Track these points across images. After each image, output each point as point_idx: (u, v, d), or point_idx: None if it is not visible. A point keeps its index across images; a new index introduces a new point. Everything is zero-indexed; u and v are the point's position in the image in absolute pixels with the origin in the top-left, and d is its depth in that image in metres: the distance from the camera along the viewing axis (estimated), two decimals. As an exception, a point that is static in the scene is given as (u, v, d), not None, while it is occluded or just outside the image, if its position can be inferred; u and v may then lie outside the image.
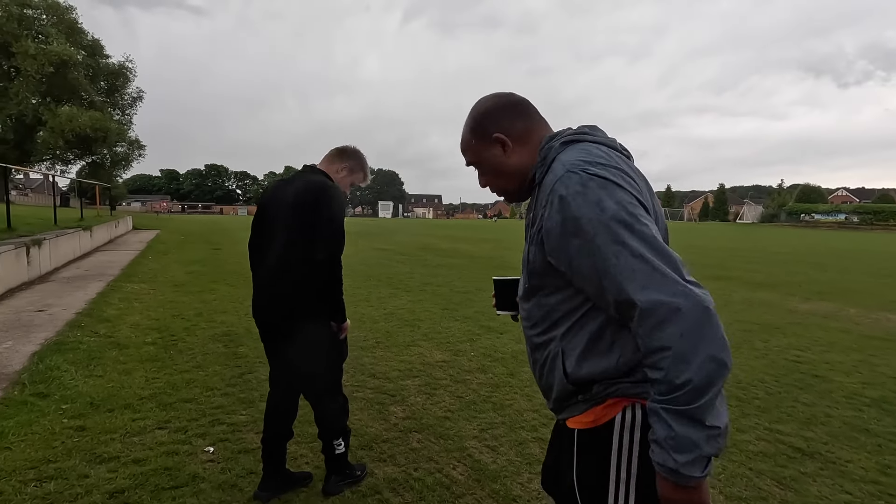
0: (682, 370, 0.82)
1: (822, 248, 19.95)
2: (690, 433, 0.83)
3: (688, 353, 0.82)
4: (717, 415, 0.85)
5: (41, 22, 27.50)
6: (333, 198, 2.04)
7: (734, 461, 2.58)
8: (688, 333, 0.82)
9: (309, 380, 2.19)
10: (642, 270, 0.85)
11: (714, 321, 0.84)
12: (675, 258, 0.88)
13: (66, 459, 2.38)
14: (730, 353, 0.85)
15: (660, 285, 0.84)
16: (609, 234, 0.88)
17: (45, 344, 4.14)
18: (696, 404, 0.82)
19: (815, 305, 7.09)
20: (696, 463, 0.84)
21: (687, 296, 0.84)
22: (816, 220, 58.23)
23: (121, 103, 32.54)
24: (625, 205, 0.90)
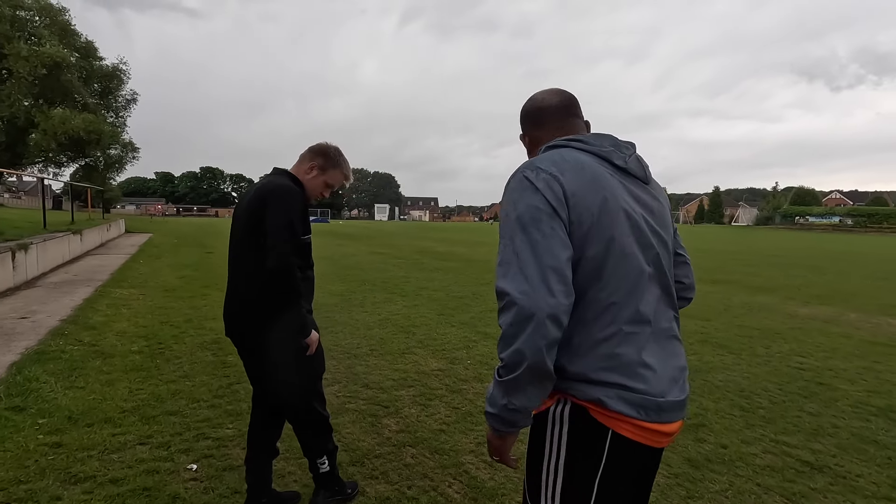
0: (502, 349, 1.00)
1: (817, 251, 19.97)
2: (497, 397, 1.03)
3: (508, 339, 0.99)
4: (522, 396, 1.01)
5: (34, 23, 27.24)
6: (282, 201, 1.86)
7: (741, 476, 2.48)
8: (515, 324, 0.98)
9: (280, 398, 2.05)
10: (510, 265, 1.02)
11: (536, 324, 0.97)
12: (545, 265, 1.00)
13: (39, 480, 2.25)
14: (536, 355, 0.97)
15: (514, 280, 1.00)
16: (508, 229, 1.05)
17: (25, 353, 3.99)
18: (503, 378, 1.01)
19: (814, 310, 7.02)
20: (495, 419, 1.05)
21: (528, 296, 0.97)
22: (811, 222, 58.48)
23: (114, 105, 32.24)
24: (530, 209, 1.04)
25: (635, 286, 1.07)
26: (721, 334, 5.38)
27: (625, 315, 1.05)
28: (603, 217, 1.06)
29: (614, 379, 1.04)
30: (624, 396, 1.04)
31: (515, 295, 0.98)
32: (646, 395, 1.04)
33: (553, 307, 0.97)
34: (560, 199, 1.04)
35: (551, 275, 0.99)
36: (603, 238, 1.05)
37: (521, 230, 1.03)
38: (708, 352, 4.69)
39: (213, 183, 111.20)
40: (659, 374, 1.06)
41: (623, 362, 1.04)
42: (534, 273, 0.99)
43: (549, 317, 0.97)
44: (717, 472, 2.51)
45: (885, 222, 52.19)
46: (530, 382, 1.00)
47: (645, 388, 1.04)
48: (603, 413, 1.04)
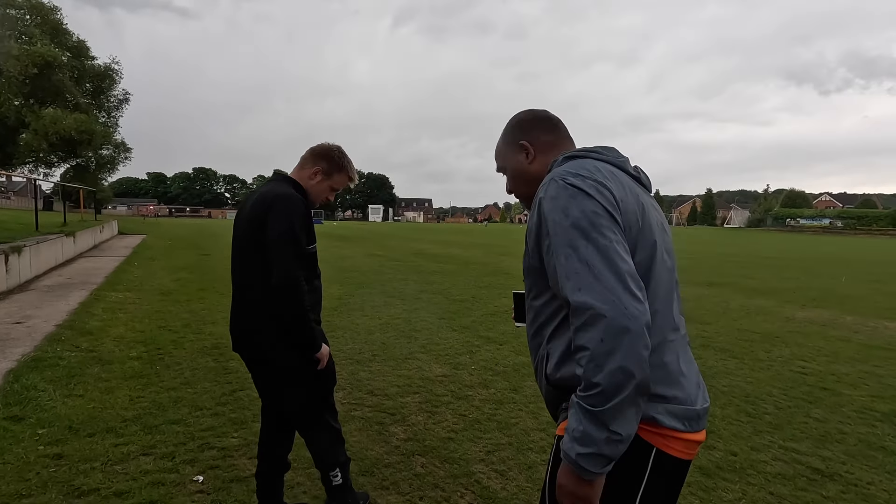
0: (595, 373, 0.88)
1: (810, 254, 20.16)
2: (593, 432, 0.89)
3: (602, 358, 0.88)
4: (624, 422, 0.89)
5: (25, 22, 26.93)
6: (285, 212, 1.76)
7: (753, 484, 2.47)
8: (607, 340, 0.88)
9: (291, 413, 2.00)
10: (582, 274, 0.92)
11: (634, 335, 0.88)
12: (622, 270, 0.92)
13: (41, 493, 2.19)
14: (643, 370, 0.88)
15: (593, 290, 0.90)
16: (566, 238, 0.96)
17: (22, 360, 3.91)
18: (601, 407, 0.88)
19: (811, 313, 7.06)
20: (594, 459, 0.90)
21: (615, 305, 0.89)
22: (802, 224, 59.11)
23: (107, 105, 31.93)
24: (588, 213, 0.96)
25: (669, 292, 1.07)
26: (722, 338, 5.39)
27: (667, 323, 1.04)
28: (644, 224, 1.04)
29: (661, 391, 1.00)
30: (671, 410, 1.00)
31: (601, 306, 0.89)
32: (686, 404, 1.02)
33: (643, 313, 0.90)
34: (613, 204, 0.99)
35: (630, 280, 0.92)
36: (647, 244, 1.03)
37: (584, 237, 0.95)
38: (711, 356, 4.70)
39: (206, 184, 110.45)
40: (690, 381, 1.06)
41: (669, 371, 1.02)
42: (612, 280, 0.91)
43: (644, 324, 0.89)
44: (729, 481, 2.50)
45: (875, 224, 52.86)
46: (633, 403, 0.90)
47: (684, 396, 1.03)
48: (652, 431, 1.00)
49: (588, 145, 1.19)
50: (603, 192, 1.00)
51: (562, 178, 1.03)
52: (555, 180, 1.03)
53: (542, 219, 1.02)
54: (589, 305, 0.90)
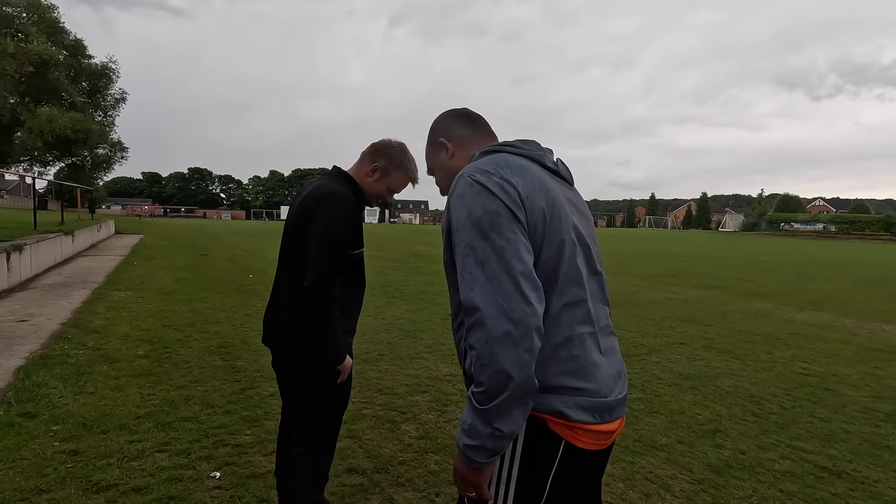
0: (480, 372, 0.92)
1: (805, 257, 20.33)
2: (479, 426, 0.93)
3: (486, 358, 0.91)
4: (507, 421, 0.93)
5: (21, 20, 26.76)
6: (331, 211, 1.69)
7: (763, 482, 2.51)
8: (490, 342, 0.91)
9: (294, 418, 1.91)
10: (476, 274, 0.95)
11: (517, 338, 0.90)
12: (515, 272, 0.94)
13: (60, 489, 2.20)
14: (524, 372, 0.91)
15: (484, 292, 0.93)
16: (467, 237, 0.98)
17: (31, 358, 3.90)
18: (486, 406, 0.92)
19: (809, 315, 7.14)
20: (479, 451, 0.95)
21: (501, 309, 0.91)
22: (796, 229, 59.57)
23: (103, 104, 31.76)
24: (489, 212, 0.97)
25: (582, 286, 1.07)
26: (724, 340, 5.45)
27: (577, 316, 1.05)
28: (553, 219, 1.04)
29: (571, 383, 1.02)
30: (580, 403, 1.02)
31: (488, 308, 0.92)
32: (597, 397, 1.04)
33: (531, 315, 0.92)
34: (517, 202, 0.99)
35: (524, 281, 0.94)
36: (555, 241, 1.03)
37: (482, 237, 0.96)
38: (714, 357, 4.75)
39: (200, 184, 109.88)
40: (605, 373, 1.07)
41: (579, 365, 1.04)
42: (504, 282, 0.93)
43: (532, 328, 0.92)
44: (739, 479, 2.54)
45: (868, 229, 53.37)
46: (517, 403, 0.93)
47: (596, 387, 1.04)
48: (560, 423, 1.02)
49: (511, 139, 1.18)
50: (508, 189, 1.00)
51: (469, 175, 1.03)
52: (463, 177, 1.04)
53: (449, 216, 1.04)
54: (477, 306, 0.92)
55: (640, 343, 5.20)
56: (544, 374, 1.00)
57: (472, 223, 0.98)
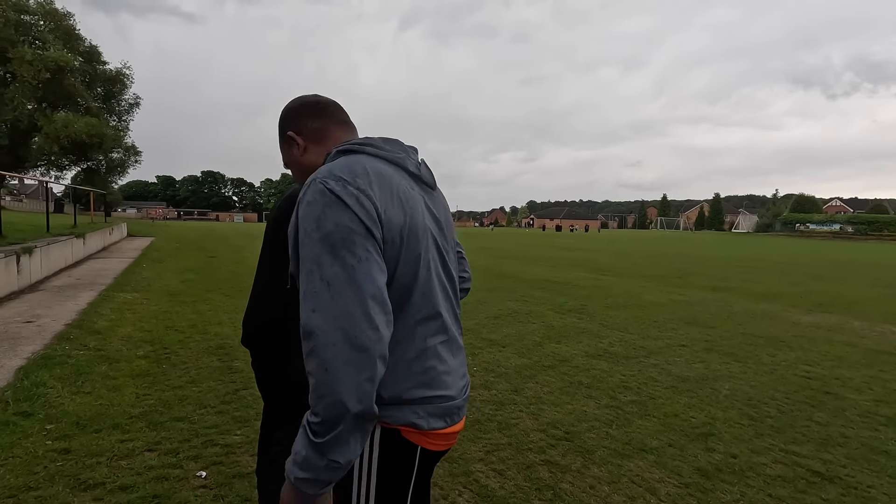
0: (316, 402, 0.86)
1: (818, 259, 19.98)
2: (314, 458, 0.87)
3: (323, 388, 0.85)
4: (344, 451, 0.88)
5: (38, 28, 27.40)
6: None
7: (752, 486, 2.47)
8: (330, 370, 0.84)
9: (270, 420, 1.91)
10: (321, 294, 0.87)
11: (359, 367, 0.85)
12: (365, 294, 0.88)
13: (49, 486, 2.24)
14: (363, 402, 0.86)
15: (327, 315, 0.85)
16: (314, 252, 0.89)
17: (32, 358, 3.98)
18: (322, 438, 0.86)
19: (817, 318, 7.01)
20: (312, 483, 0.89)
21: (345, 335, 0.85)
22: (811, 229, 58.55)
23: (117, 109, 32.37)
24: (341, 227, 0.89)
25: (437, 299, 1.05)
26: (726, 342, 5.38)
27: (431, 328, 1.04)
28: (410, 234, 0.99)
29: (426, 393, 1.01)
30: (432, 411, 1.02)
31: (330, 334, 0.85)
32: (448, 401, 1.05)
33: (377, 342, 0.87)
34: (373, 217, 0.92)
35: (372, 305, 0.88)
36: (412, 256, 0.99)
37: (331, 253, 0.88)
38: (714, 360, 4.68)
39: (213, 187, 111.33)
40: (454, 377, 1.08)
41: (432, 376, 1.02)
42: (352, 305, 0.86)
43: (376, 355, 0.87)
44: (727, 483, 2.50)
45: (886, 230, 52.27)
46: (354, 431, 0.88)
47: (447, 395, 1.05)
48: (414, 433, 1.02)
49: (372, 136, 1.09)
50: (363, 202, 0.92)
51: (322, 182, 0.94)
52: (315, 182, 0.95)
53: (297, 224, 0.95)
54: (320, 331, 0.85)
55: (639, 345, 5.15)
56: (398, 389, 0.98)
57: (322, 237, 0.89)
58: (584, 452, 2.77)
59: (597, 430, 3.07)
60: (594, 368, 4.30)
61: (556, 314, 6.67)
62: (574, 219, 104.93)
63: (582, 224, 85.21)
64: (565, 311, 6.87)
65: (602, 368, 4.30)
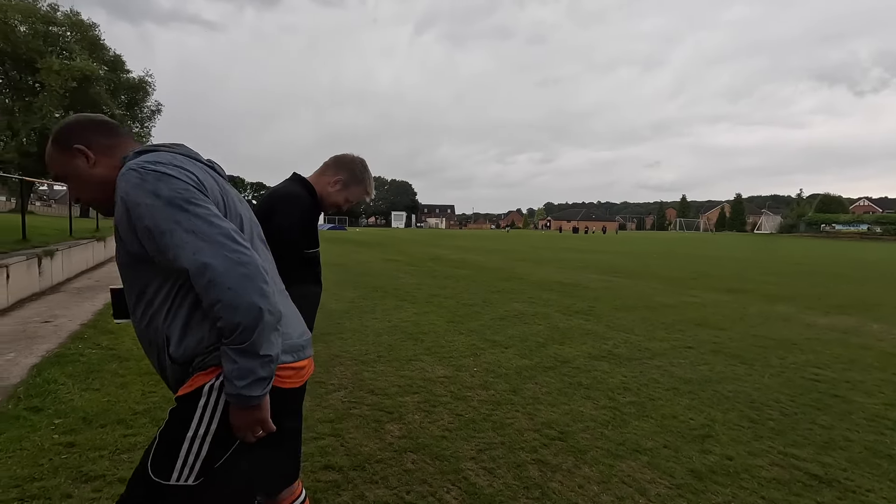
0: (233, 315, 1.01)
1: (842, 260, 19.41)
2: (248, 363, 1.03)
3: (235, 301, 1.00)
4: (271, 345, 1.06)
5: (65, 39, 28.38)
6: (288, 210, 1.78)
7: (745, 489, 2.44)
8: (233, 286, 1.00)
9: None
10: (192, 241, 1.01)
11: (252, 274, 1.02)
12: (226, 228, 1.04)
13: (52, 477, 2.34)
14: (269, 299, 1.04)
15: (206, 251, 1.00)
16: (164, 216, 1.01)
17: (46, 356, 4.14)
18: (248, 341, 1.02)
19: (834, 320, 6.83)
20: (255, 385, 1.05)
21: (229, 257, 1.01)
22: (837, 230, 56.88)
23: (140, 116, 33.33)
24: (179, 190, 1.04)
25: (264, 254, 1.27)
26: (735, 344, 5.28)
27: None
28: (229, 203, 1.18)
29: None
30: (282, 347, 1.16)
31: (217, 261, 1.00)
32: (290, 339, 1.22)
33: (254, 257, 1.05)
34: (199, 184, 1.09)
35: (236, 234, 1.06)
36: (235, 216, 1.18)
37: (182, 210, 1.03)
38: (720, 362, 4.61)
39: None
40: (293, 321, 1.27)
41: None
42: (220, 237, 1.03)
43: (259, 265, 1.04)
44: (720, 484, 2.47)
45: (916, 230, 50.46)
46: (272, 328, 1.05)
47: (288, 332, 1.22)
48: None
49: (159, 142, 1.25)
50: (186, 173, 1.09)
51: (141, 168, 1.06)
52: (133, 170, 1.06)
53: (129, 209, 1.05)
54: (207, 264, 1.00)
55: (644, 347, 5.10)
56: None
57: (166, 202, 1.03)
58: (577, 452, 2.77)
59: (592, 430, 3.06)
60: (595, 370, 4.27)
61: (562, 316, 6.64)
62: (592, 220, 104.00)
63: (599, 226, 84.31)
64: (572, 313, 6.83)
65: (603, 370, 4.28)
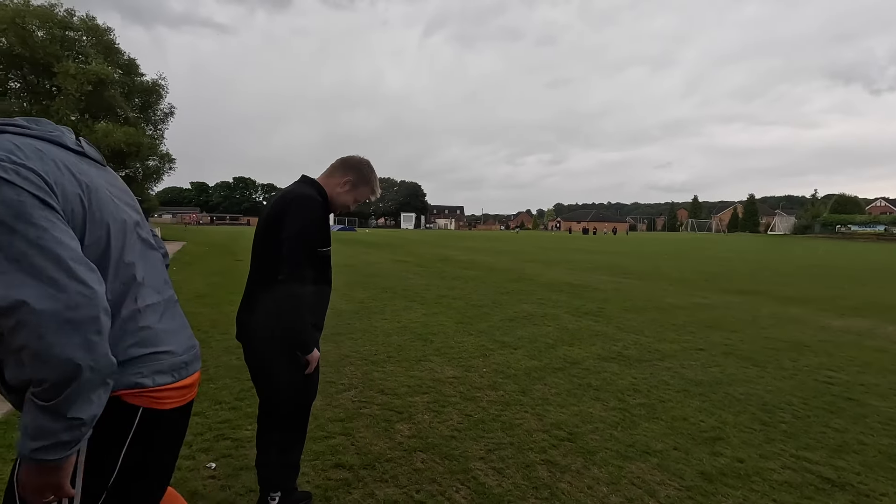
0: (40, 368, 0.85)
1: (858, 261, 19.09)
2: (49, 423, 0.87)
3: (44, 354, 0.84)
4: (86, 407, 0.89)
5: (81, 43, 28.89)
6: (303, 211, 1.83)
7: (756, 491, 2.43)
8: (47, 334, 0.84)
9: (263, 413, 2.09)
10: (12, 272, 0.84)
11: (81, 323, 0.86)
12: (63, 258, 0.87)
13: (71, 473, 2.39)
14: (95, 354, 0.88)
15: (27, 286, 0.84)
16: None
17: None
18: (54, 400, 0.85)
19: (849, 322, 6.74)
20: (52, 449, 0.88)
21: (55, 298, 0.84)
22: (853, 231, 55.94)
23: (153, 119, 33.81)
24: (12, 204, 0.86)
25: (140, 263, 1.10)
26: (746, 346, 5.23)
27: (142, 291, 1.08)
28: (94, 203, 1.00)
29: (146, 351, 1.06)
30: (158, 368, 1.07)
31: (37, 302, 0.84)
32: (174, 356, 1.11)
33: (93, 297, 0.88)
34: (43, 188, 0.91)
35: (76, 266, 0.88)
36: (101, 224, 1.01)
37: (9, 232, 0.85)
38: (731, 364, 4.57)
39: (245, 192, 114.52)
40: (177, 336, 1.15)
41: (152, 332, 1.08)
42: (52, 270, 0.86)
43: (98, 308, 0.89)
44: (731, 487, 2.46)
45: (935, 231, 49.46)
46: (97, 386, 0.90)
47: (171, 350, 1.11)
48: (137, 394, 1.04)
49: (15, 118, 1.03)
50: (27, 175, 0.90)
51: None
52: None
53: None
54: (22, 303, 0.83)
55: (654, 348, 5.07)
56: (116, 350, 0.98)
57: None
58: (586, 453, 2.77)
59: (601, 431, 3.06)
60: (605, 371, 4.26)
61: (571, 317, 6.62)
62: (602, 221, 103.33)
63: (609, 227, 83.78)
64: (581, 314, 6.81)
65: (613, 371, 4.27)
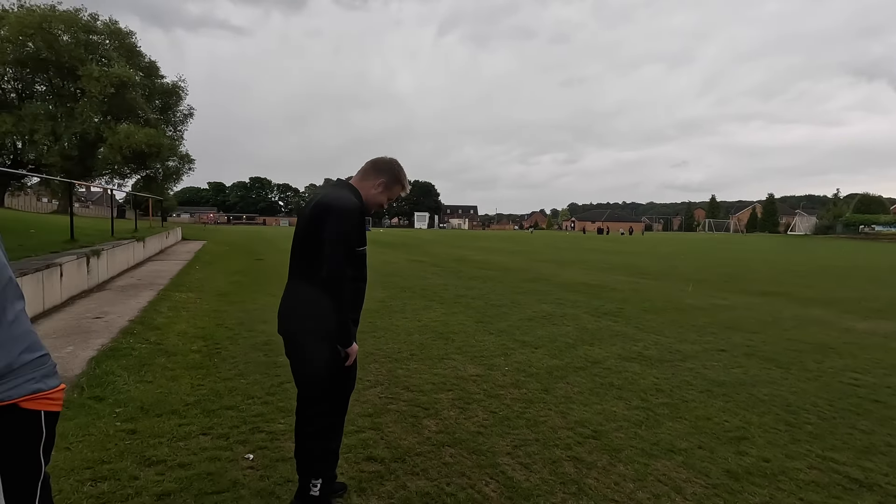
0: None
1: (882, 263, 18.68)
2: None
3: None
4: None
5: (104, 46, 29.60)
6: (342, 213, 1.97)
7: (783, 490, 2.45)
8: None
9: (302, 389, 2.18)
10: None
11: None
12: None
13: (119, 461, 2.52)
14: None
15: None
16: None
17: (101, 350, 4.40)
18: None
19: (874, 324, 6.64)
20: None
21: None
22: (877, 231, 54.58)
23: (173, 120, 34.50)
24: None
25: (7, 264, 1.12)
26: (769, 348, 5.21)
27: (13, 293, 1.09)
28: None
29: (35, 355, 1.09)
30: (48, 371, 1.11)
31: None
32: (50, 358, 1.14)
33: None
34: None
35: None
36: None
37: None
38: (754, 365, 4.56)
39: (261, 192, 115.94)
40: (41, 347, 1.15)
41: (34, 338, 1.11)
42: None
43: None
44: (757, 486, 2.49)
45: (963, 232, 48.03)
46: None
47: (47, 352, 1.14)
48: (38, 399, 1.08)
49: None
50: None
51: None
52: None
53: None
54: None
55: (675, 349, 5.08)
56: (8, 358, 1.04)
57: None
58: (611, 451, 2.81)
59: (625, 430, 3.10)
60: (626, 371, 4.29)
61: (590, 317, 6.64)
62: (617, 221, 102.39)
63: (625, 227, 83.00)
64: (600, 315, 6.82)
65: (634, 371, 4.29)
